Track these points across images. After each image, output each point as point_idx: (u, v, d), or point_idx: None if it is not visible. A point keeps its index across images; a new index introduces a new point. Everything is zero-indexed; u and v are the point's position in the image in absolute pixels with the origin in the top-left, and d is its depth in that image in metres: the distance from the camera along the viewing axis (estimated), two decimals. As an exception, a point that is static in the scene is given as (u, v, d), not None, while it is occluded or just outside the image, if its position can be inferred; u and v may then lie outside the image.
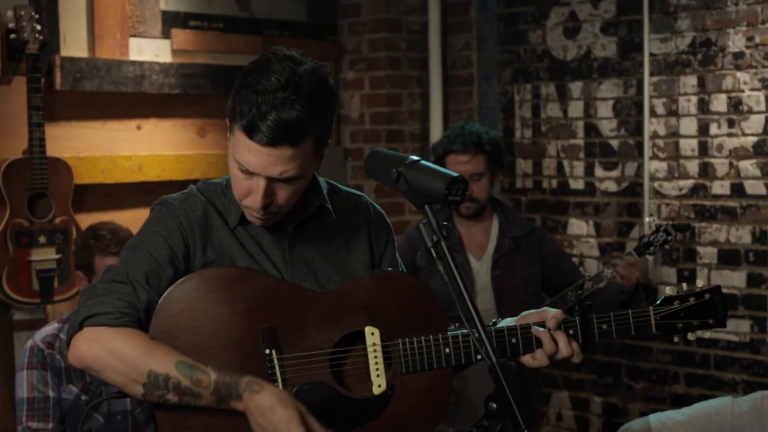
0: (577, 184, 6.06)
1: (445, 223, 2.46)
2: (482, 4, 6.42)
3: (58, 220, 5.16)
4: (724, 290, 5.38)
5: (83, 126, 5.46)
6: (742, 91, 5.39)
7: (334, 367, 2.66)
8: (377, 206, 2.96)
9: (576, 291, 4.74)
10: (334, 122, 2.67)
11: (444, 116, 6.54)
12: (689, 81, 5.57)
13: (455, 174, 2.45)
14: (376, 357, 2.67)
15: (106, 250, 4.17)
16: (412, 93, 6.52)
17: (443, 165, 4.74)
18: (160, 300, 2.59)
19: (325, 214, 2.82)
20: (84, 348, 2.54)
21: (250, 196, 2.61)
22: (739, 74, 5.39)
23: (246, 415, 2.54)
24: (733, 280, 5.47)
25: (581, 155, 6.04)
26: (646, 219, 5.70)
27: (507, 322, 2.85)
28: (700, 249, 5.59)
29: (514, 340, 2.77)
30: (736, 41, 5.40)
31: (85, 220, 5.07)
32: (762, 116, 5.33)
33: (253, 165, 2.55)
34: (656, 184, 5.71)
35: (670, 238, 4.65)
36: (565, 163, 6.11)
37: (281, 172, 2.56)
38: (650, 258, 5.68)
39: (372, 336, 2.67)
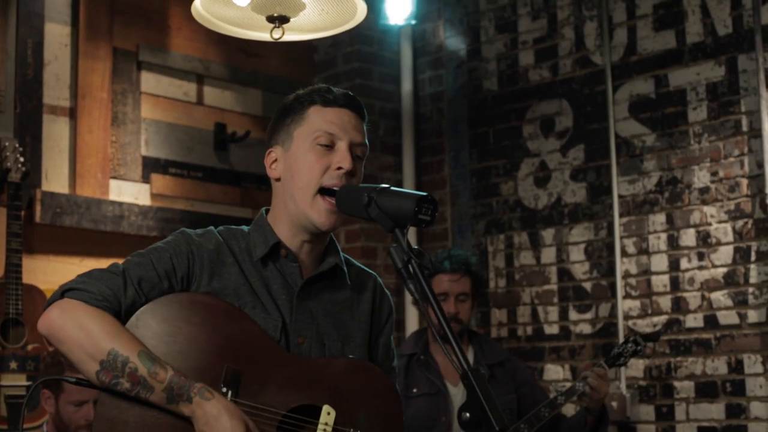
0: (552, 329, 6.09)
1: (416, 247, 2.49)
2: (455, 161, 6.62)
3: (30, 347, 5.12)
4: (704, 424, 5.40)
5: (61, 260, 5.50)
6: (710, 224, 5.52)
7: (280, 430, 2.63)
8: (386, 290, 3.02)
9: (549, 407, 4.72)
10: None
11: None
12: (658, 219, 5.71)
13: (424, 194, 2.51)
14: None
15: (74, 367, 4.15)
16: (387, 247, 6.61)
17: (430, 285, 4.84)
18: (147, 305, 2.61)
19: (338, 277, 2.86)
20: (55, 315, 2.56)
21: (332, 166, 2.71)
22: (705, 208, 5.54)
23: (191, 420, 2.54)
24: (712, 412, 5.43)
25: (555, 300, 6.10)
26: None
27: None
28: (677, 384, 5.57)
29: None
30: (701, 177, 5.57)
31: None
32: (730, 247, 5.44)
33: (337, 127, 2.74)
34: (630, 322, 5.75)
35: (639, 348, 4.72)
36: (540, 309, 6.15)
37: (361, 140, 2.76)
38: (627, 396, 5.66)
39: (327, 415, 2.65)
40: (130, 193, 5.83)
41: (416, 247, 2.49)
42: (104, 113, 5.75)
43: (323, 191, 2.71)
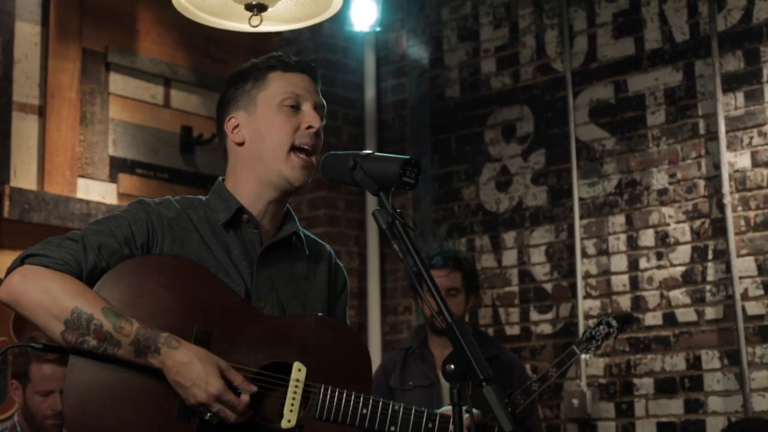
0: (513, 330, 6.19)
1: (398, 210, 2.56)
2: (417, 166, 6.71)
3: (-3, 340, 5.13)
4: (663, 419, 5.51)
5: (28, 256, 5.51)
6: (668, 224, 5.67)
7: None
8: (340, 262, 3.09)
9: (524, 394, 4.75)
10: None
11: (381, 276, 6.70)
12: (617, 220, 5.85)
13: (408, 157, 2.59)
14: (295, 393, 2.68)
15: (42, 357, 4.20)
16: (350, 251, 6.70)
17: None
18: (112, 269, 2.62)
19: (296, 246, 2.91)
20: (16, 281, 2.57)
21: (302, 125, 2.80)
22: (664, 209, 5.69)
23: (163, 372, 2.55)
24: (671, 408, 5.56)
25: (516, 301, 6.20)
26: (583, 356, 5.80)
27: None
28: (636, 381, 5.69)
29: (430, 425, 2.79)
30: (659, 179, 5.72)
31: (27, 342, 5.05)
32: (688, 246, 5.59)
33: (301, 88, 2.82)
34: (590, 322, 5.85)
35: (612, 330, 4.62)
36: (501, 310, 6.26)
37: (321, 103, 2.87)
38: (587, 393, 5.76)
39: (298, 372, 2.69)
40: (98, 192, 5.87)
41: (399, 210, 2.55)
42: (73, 112, 5.79)
43: (295, 149, 2.80)
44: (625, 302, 5.76)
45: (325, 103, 2.89)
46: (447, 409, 2.82)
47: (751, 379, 5.32)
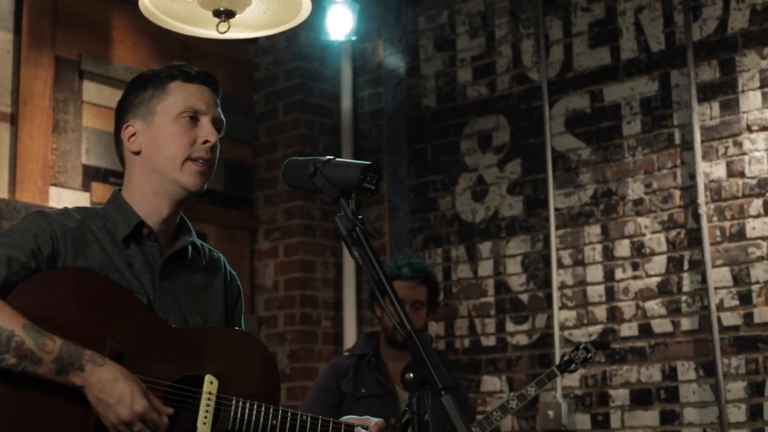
0: (489, 341, 6.16)
1: (360, 216, 2.53)
2: (393, 176, 6.70)
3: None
4: (639, 431, 5.48)
5: (-2, 265, 5.46)
6: (644, 234, 5.65)
7: (165, 402, 2.65)
8: (231, 269, 3.09)
9: (500, 410, 4.81)
10: None
11: (357, 286, 6.66)
12: (593, 230, 5.83)
13: (369, 162, 2.56)
14: (208, 406, 2.68)
15: None
16: (326, 261, 6.66)
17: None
18: (21, 284, 2.57)
19: (194, 257, 2.92)
20: None
21: (198, 140, 2.78)
22: (639, 219, 5.67)
23: (81, 391, 2.52)
24: (647, 419, 5.53)
25: (492, 312, 6.18)
26: (558, 368, 5.78)
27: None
28: (612, 392, 5.66)
29: None
30: (635, 189, 5.70)
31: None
32: (664, 257, 5.57)
33: (201, 102, 2.81)
34: (566, 332, 5.84)
35: (589, 355, 4.86)
36: (477, 321, 6.22)
37: (220, 117, 2.85)
38: (563, 405, 5.73)
39: (210, 385, 2.70)
40: (70, 200, 5.82)
41: (360, 216, 2.52)
42: (45, 120, 5.74)
43: (190, 160, 2.79)
44: (600, 313, 5.74)
45: (224, 118, 2.88)
46: (349, 417, 2.93)
47: (726, 390, 5.30)
